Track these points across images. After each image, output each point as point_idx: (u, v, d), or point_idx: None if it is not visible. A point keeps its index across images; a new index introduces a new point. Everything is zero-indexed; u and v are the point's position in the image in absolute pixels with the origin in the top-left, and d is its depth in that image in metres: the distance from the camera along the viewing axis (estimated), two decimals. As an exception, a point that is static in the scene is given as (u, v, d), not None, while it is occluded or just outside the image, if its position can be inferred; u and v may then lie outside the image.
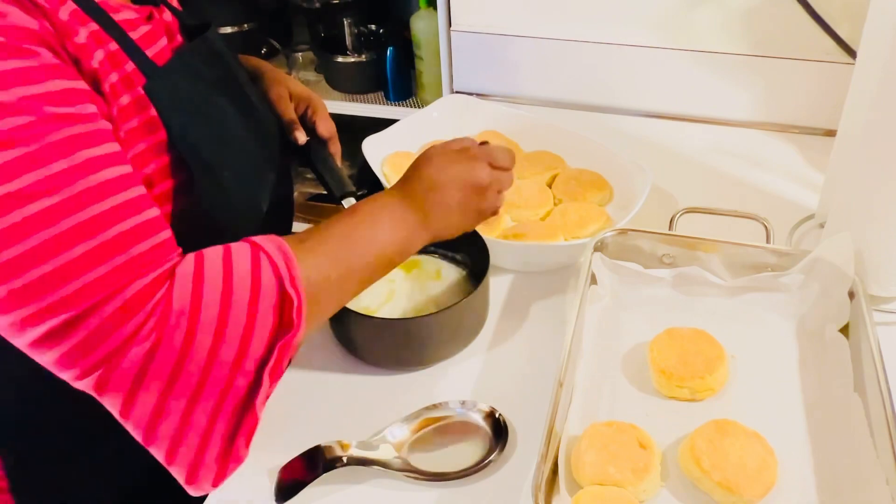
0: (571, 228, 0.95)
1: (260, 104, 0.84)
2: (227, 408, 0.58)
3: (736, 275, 0.82)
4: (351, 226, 0.69)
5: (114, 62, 0.63)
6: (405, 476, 0.69)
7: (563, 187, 1.04)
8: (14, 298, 0.53)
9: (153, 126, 0.65)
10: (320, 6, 1.74)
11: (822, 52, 1.17)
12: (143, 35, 0.69)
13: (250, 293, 0.58)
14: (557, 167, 1.08)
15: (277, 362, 0.59)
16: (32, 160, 0.52)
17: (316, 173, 0.93)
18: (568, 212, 0.98)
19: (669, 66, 1.27)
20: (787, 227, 0.95)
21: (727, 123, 1.27)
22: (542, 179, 1.06)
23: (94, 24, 0.62)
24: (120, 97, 0.63)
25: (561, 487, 0.65)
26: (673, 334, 0.76)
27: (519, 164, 0.99)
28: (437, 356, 0.81)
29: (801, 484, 0.66)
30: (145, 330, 0.55)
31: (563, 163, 1.09)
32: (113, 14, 0.65)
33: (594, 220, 0.96)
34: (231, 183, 0.73)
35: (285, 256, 0.61)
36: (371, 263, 0.69)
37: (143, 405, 0.56)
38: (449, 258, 0.90)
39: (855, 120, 0.86)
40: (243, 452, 0.60)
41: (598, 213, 0.97)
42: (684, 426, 0.69)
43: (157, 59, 0.69)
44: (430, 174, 0.74)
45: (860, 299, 0.76)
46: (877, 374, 0.68)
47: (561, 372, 0.69)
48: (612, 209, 1.00)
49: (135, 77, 0.65)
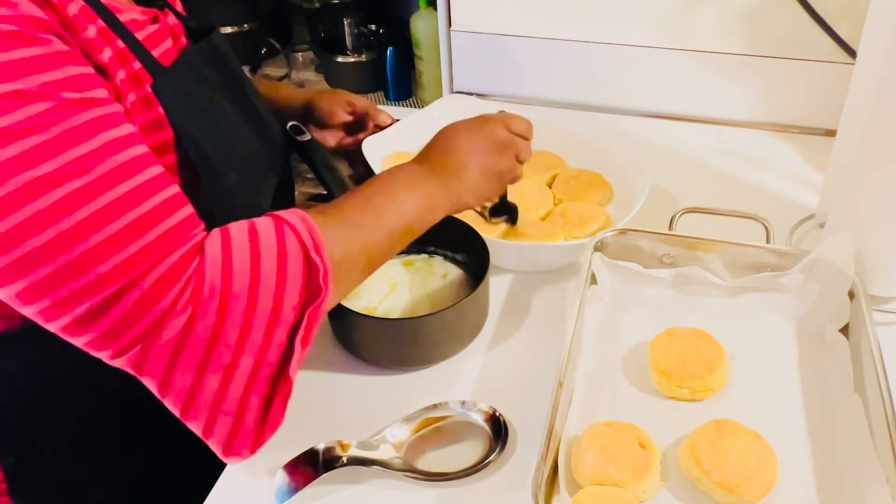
0: (571, 228, 0.95)
1: (263, 108, 0.85)
2: (263, 376, 0.60)
3: (736, 275, 0.82)
4: (368, 195, 0.69)
5: (122, 59, 0.63)
6: (405, 476, 0.69)
7: (563, 187, 1.04)
8: (49, 282, 0.53)
9: (159, 125, 0.66)
10: (320, 6, 1.74)
11: (822, 52, 1.17)
12: (149, 35, 0.69)
13: (277, 262, 0.59)
14: (557, 167, 1.07)
15: (308, 328, 0.61)
16: (55, 145, 0.53)
17: (316, 173, 0.93)
18: (568, 212, 0.98)
19: (669, 66, 1.27)
20: (787, 227, 0.95)
21: (727, 123, 1.27)
22: (541, 179, 1.05)
23: (101, 22, 0.62)
24: (127, 95, 0.63)
25: (561, 487, 0.65)
26: (673, 334, 0.76)
27: None
28: (437, 356, 0.81)
29: (801, 484, 0.66)
30: (181, 303, 0.56)
31: (563, 163, 1.09)
32: (119, 14, 0.66)
33: (594, 219, 0.96)
34: (234, 185, 0.73)
35: (308, 226, 0.62)
36: (392, 232, 0.69)
37: (182, 379, 0.57)
38: (449, 258, 0.90)
39: (855, 120, 0.86)
40: (280, 418, 0.61)
41: (598, 213, 0.97)
42: (684, 426, 0.69)
43: (162, 59, 0.69)
44: (447, 139, 0.74)
45: (860, 299, 0.76)
46: (877, 374, 0.68)
47: (561, 372, 0.69)
48: (613, 209, 1.00)
49: (142, 75, 0.65)
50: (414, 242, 0.91)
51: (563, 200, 1.02)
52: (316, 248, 0.61)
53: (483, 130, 0.75)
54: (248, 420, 0.61)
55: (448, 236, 0.88)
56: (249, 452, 0.62)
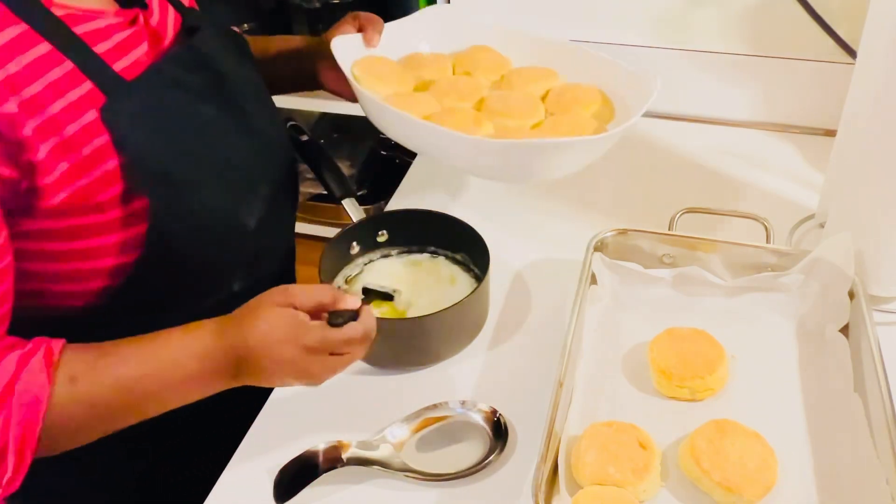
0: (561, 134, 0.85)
1: (263, 111, 0.81)
2: None
3: (736, 275, 0.82)
4: (130, 374, 0.61)
5: (59, 89, 0.60)
6: (405, 476, 0.69)
7: (555, 100, 0.93)
8: None
9: (105, 153, 0.63)
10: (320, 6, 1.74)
11: (822, 52, 1.17)
12: (117, 45, 0.66)
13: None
14: (552, 81, 0.96)
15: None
16: None
17: (316, 173, 0.93)
18: (560, 124, 0.88)
19: (669, 66, 1.26)
20: (787, 227, 0.95)
21: (727, 123, 1.27)
22: (533, 90, 0.94)
23: (42, 48, 0.60)
24: (64, 128, 0.60)
25: (561, 487, 0.65)
26: (673, 334, 0.76)
27: (508, 77, 0.95)
28: (437, 356, 0.81)
29: (801, 484, 0.66)
30: None
31: (558, 77, 0.97)
32: (78, 25, 0.63)
33: (588, 131, 0.86)
34: (207, 200, 0.70)
35: (33, 405, 0.58)
36: (148, 411, 0.64)
37: None
38: (449, 258, 0.90)
39: (855, 120, 0.86)
40: None
41: (592, 126, 0.87)
42: (684, 426, 0.69)
43: (129, 70, 0.66)
44: (262, 354, 0.62)
45: (860, 299, 0.76)
46: (877, 374, 0.68)
47: (561, 372, 0.69)
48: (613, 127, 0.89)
49: (91, 98, 0.62)
50: (414, 241, 0.91)
51: (556, 114, 0.92)
52: (19, 446, 0.57)
53: (304, 361, 0.63)
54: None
55: (448, 236, 0.88)
56: None
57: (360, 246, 0.90)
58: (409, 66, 0.96)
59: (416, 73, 0.95)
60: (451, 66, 0.99)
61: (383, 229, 0.90)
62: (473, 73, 0.97)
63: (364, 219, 0.90)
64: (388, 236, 0.91)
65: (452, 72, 0.98)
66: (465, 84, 0.94)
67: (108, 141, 0.63)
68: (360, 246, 0.90)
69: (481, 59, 0.98)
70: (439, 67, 0.97)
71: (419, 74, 0.95)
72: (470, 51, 1.00)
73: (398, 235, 0.91)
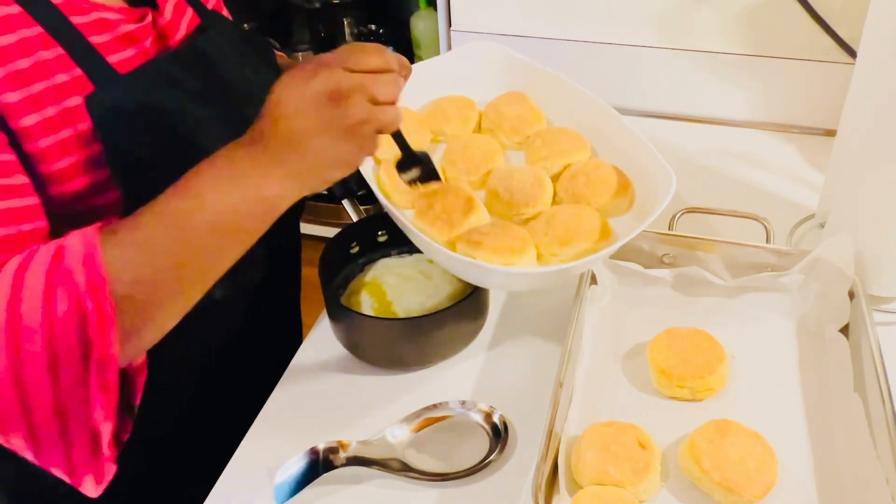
0: (547, 243, 0.74)
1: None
2: (73, 426, 0.55)
3: (736, 275, 0.82)
4: (163, 201, 0.56)
5: (43, 71, 0.60)
6: (405, 476, 0.69)
7: (568, 183, 0.80)
8: None
9: (88, 138, 0.63)
10: (320, 6, 1.74)
11: (822, 52, 1.17)
12: (117, 38, 0.67)
13: (42, 314, 0.52)
14: (575, 155, 0.83)
15: (100, 377, 0.54)
16: None
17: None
18: (556, 219, 0.76)
19: (669, 66, 1.27)
20: (787, 227, 0.95)
21: (727, 123, 1.27)
22: (552, 166, 0.83)
23: (35, 28, 0.60)
24: (44, 108, 0.60)
25: (561, 487, 0.65)
26: (673, 334, 0.76)
27: (531, 142, 0.85)
28: (437, 356, 0.81)
29: (801, 484, 0.66)
30: None
31: (584, 147, 0.84)
32: (76, 16, 0.63)
33: (583, 236, 0.74)
34: None
35: (88, 258, 0.54)
36: (204, 243, 0.57)
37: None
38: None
39: (855, 120, 0.86)
40: (108, 460, 0.58)
41: (591, 229, 0.75)
42: (684, 426, 0.69)
43: (125, 64, 0.67)
44: (272, 103, 0.57)
45: (860, 299, 0.76)
46: (877, 374, 0.68)
47: (561, 372, 0.69)
48: (629, 219, 0.79)
49: (78, 84, 0.62)
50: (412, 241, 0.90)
51: (564, 201, 0.80)
52: (91, 289, 0.52)
53: (311, 81, 0.56)
54: (80, 468, 0.57)
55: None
56: (95, 486, 0.58)
57: (360, 246, 0.90)
58: (432, 118, 0.88)
59: (437, 127, 0.87)
60: (478, 117, 0.90)
61: (383, 229, 0.90)
62: (497, 131, 0.88)
63: (364, 219, 0.89)
64: (388, 236, 0.91)
65: (477, 124, 0.90)
66: (477, 150, 0.84)
67: (89, 128, 0.62)
68: (360, 246, 0.90)
69: (508, 116, 0.87)
70: (463, 119, 0.88)
71: (439, 128, 0.87)
72: (502, 100, 0.89)
73: (398, 235, 0.90)
